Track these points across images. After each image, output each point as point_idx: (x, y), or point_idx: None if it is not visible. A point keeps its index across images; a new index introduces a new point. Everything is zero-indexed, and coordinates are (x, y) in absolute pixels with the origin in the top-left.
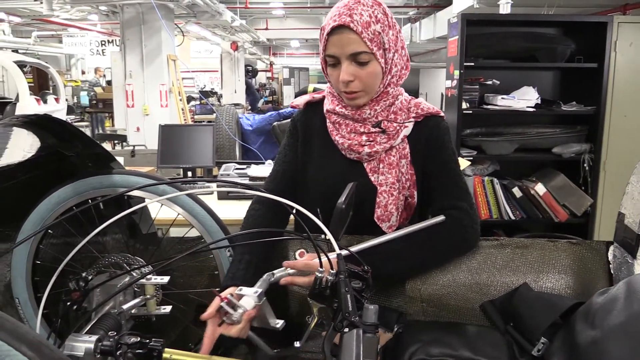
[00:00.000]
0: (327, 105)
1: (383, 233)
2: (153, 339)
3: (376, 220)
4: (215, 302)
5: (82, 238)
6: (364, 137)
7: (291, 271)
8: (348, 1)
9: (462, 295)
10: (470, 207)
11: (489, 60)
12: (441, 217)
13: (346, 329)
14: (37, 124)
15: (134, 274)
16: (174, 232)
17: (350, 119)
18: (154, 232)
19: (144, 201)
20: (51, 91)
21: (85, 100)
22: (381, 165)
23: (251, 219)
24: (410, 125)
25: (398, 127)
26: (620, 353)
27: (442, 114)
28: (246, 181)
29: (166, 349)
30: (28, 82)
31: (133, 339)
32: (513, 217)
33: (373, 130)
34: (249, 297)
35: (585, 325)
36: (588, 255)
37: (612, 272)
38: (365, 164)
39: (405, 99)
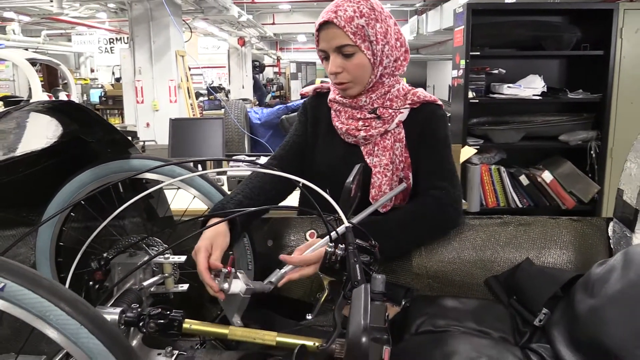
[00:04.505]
0: (331, 95)
1: (378, 213)
2: (174, 310)
3: (371, 201)
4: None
5: (102, 221)
6: (360, 122)
7: (287, 268)
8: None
9: (467, 272)
10: (451, 187)
11: (495, 50)
12: (403, 185)
13: None
14: (60, 110)
15: (152, 253)
16: (189, 216)
17: (349, 107)
18: (170, 215)
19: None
20: (60, 88)
21: (95, 97)
22: (376, 148)
23: (256, 175)
24: (406, 112)
25: (393, 113)
26: (617, 319)
27: (440, 102)
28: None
29: (186, 320)
30: (40, 80)
31: (155, 311)
32: (520, 205)
33: (369, 116)
34: (240, 283)
35: (584, 295)
36: (589, 231)
37: (612, 246)
38: (362, 148)
39: (403, 88)
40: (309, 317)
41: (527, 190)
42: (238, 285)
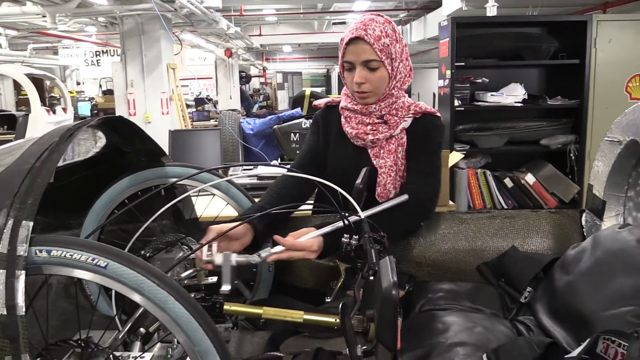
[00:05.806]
0: (342, 103)
1: None
2: (214, 294)
3: (377, 198)
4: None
5: (136, 223)
6: (369, 127)
7: (278, 248)
8: (364, 18)
9: (461, 259)
10: (435, 182)
11: (478, 60)
12: (405, 196)
13: (371, 277)
14: (108, 124)
15: (186, 250)
16: (211, 216)
17: (359, 113)
18: (195, 217)
19: (188, 188)
20: (57, 102)
21: (83, 110)
22: (382, 151)
23: (276, 184)
24: (409, 121)
25: (398, 120)
26: (589, 290)
27: (439, 115)
28: (254, 180)
29: (225, 302)
30: (24, 95)
31: (199, 295)
32: (505, 207)
33: (377, 121)
34: (220, 256)
35: (561, 273)
36: (565, 221)
37: (585, 234)
38: (369, 150)
39: (408, 101)
40: (328, 299)
41: (511, 192)
42: (219, 258)
